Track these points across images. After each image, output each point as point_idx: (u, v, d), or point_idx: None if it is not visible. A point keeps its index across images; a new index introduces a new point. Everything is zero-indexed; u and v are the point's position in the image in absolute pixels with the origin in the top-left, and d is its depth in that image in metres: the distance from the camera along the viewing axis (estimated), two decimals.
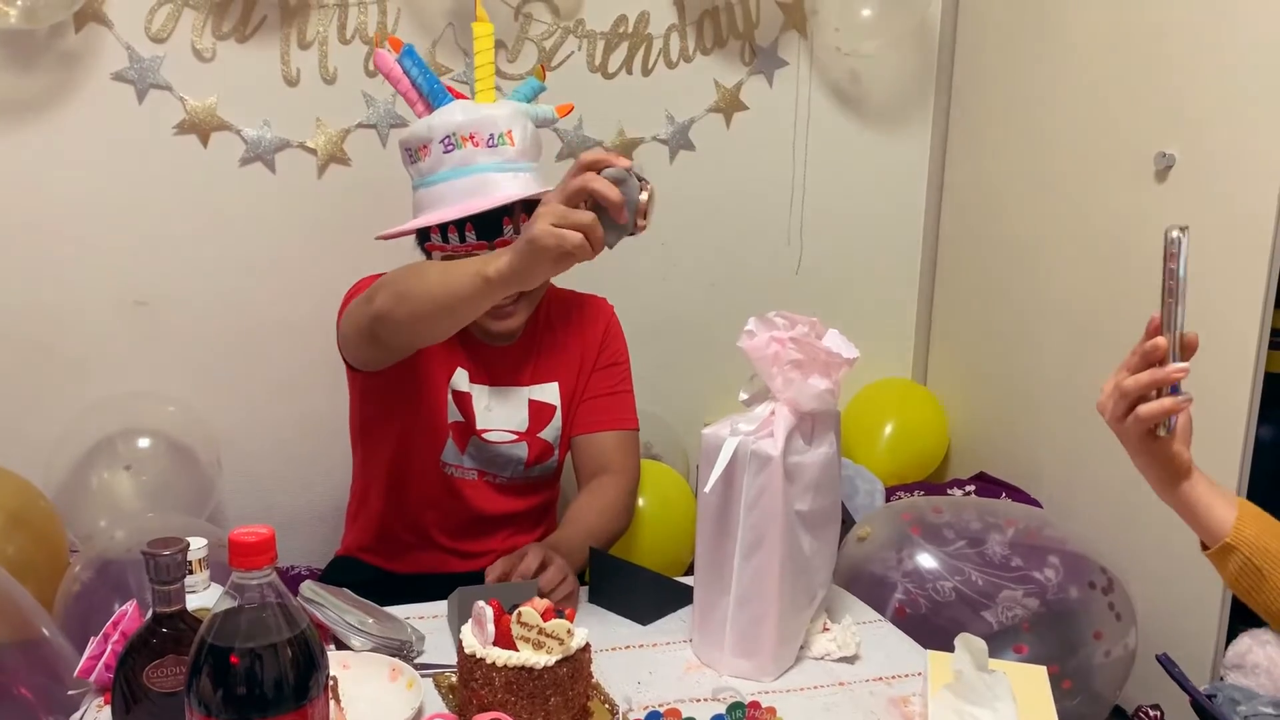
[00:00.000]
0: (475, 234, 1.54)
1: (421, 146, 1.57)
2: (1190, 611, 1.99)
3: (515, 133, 1.57)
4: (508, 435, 1.70)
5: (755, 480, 1.24)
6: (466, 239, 1.54)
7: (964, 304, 2.63)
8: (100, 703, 1.16)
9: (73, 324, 2.12)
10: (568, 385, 1.73)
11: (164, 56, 2.07)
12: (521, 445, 1.71)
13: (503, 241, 1.54)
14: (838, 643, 1.33)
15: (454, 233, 1.54)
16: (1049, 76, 2.31)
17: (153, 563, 1.07)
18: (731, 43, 2.43)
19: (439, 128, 1.55)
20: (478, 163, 1.54)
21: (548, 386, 1.72)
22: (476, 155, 1.54)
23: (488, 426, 1.69)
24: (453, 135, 1.54)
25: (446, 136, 1.54)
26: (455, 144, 1.54)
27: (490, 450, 1.70)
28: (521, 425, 1.70)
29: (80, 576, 1.71)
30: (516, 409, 1.70)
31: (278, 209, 2.19)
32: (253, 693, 0.84)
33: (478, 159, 1.54)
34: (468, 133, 1.54)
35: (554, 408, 1.72)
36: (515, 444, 1.71)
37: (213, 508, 2.15)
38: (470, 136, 1.54)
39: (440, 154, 1.55)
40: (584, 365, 1.75)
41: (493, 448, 1.70)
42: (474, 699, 1.13)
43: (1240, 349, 1.87)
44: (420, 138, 1.57)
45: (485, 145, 1.54)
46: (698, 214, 2.48)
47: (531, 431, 1.71)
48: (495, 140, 1.55)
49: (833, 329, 1.29)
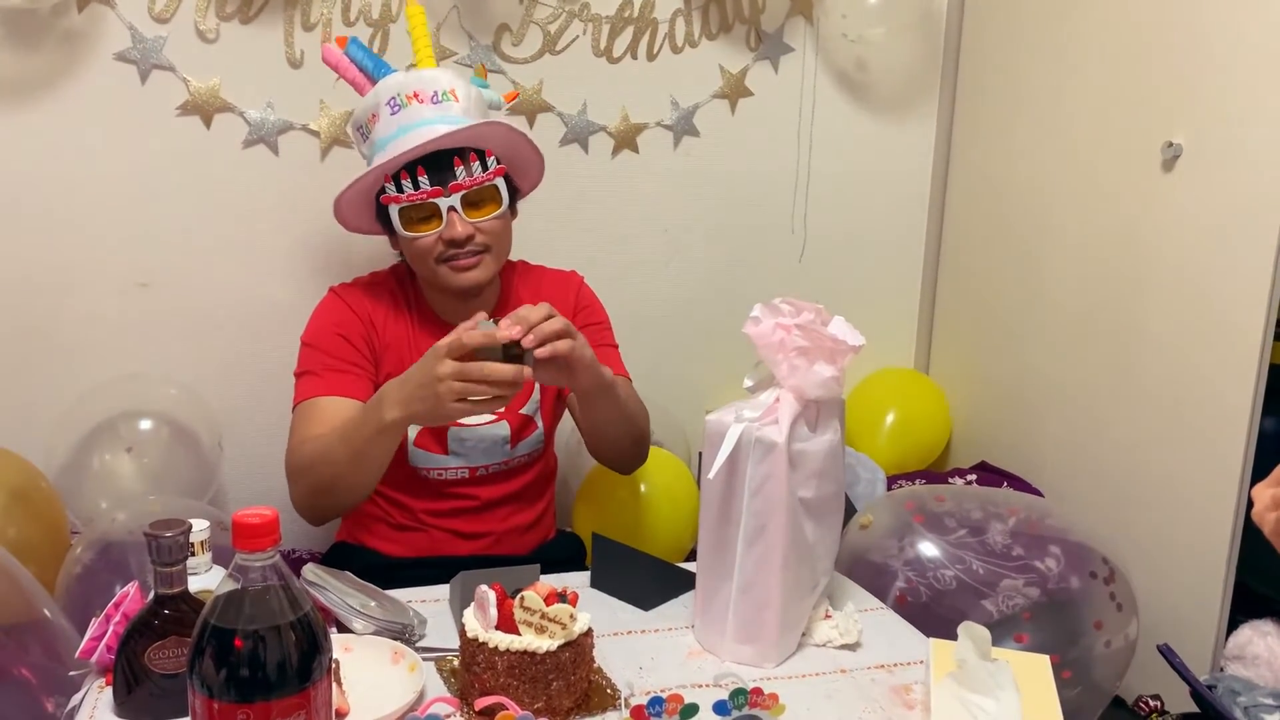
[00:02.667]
0: (428, 179, 1.55)
1: (371, 116, 1.62)
2: (1191, 602, 1.99)
3: (458, 90, 1.61)
4: (487, 416, 1.69)
5: (759, 467, 1.24)
6: (420, 184, 1.56)
7: (968, 293, 2.63)
8: (102, 684, 1.16)
9: (74, 305, 2.12)
10: None
11: (167, 37, 2.06)
12: (502, 424, 1.71)
13: (456, 185, 1.56)
14: (840, 630, 1.33)
15: (406, 179, 1.56)
16: (1056, 65, 2.30)
17: (155, 544, 1.07)
18: (737, 28, 2.41)
19: (384, 91, 1.61)
20: (424, 117, 1.58)
21: None
22: (422, 110, 1.58)
23: None
24: (397, 95, 1.59)
25: (392, 98, 1.60)
26: (400, 103, 1.59)
27: (472, 436, 1.70)
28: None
29: (82, 558, 1.71)
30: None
31: (281, 191, 2.18)
32: (256, 675, 0.84)
33: (423, 113, 1.58)
34: (411, 90, 1.59)
35: (531, 381, 1.72)
36: (495, 424, 1.71)
37: (214, 490, 2.14)
38: (415, 94, 1.59)
39: (388, 116, 1.60)
40: None
41: (474, 432, 1.70)
42: (476, 683, 1.13)
43: (1245, 340, 1.87)
44: (369, 107, 1.63)
45: (430, 101, 1.59)
46: (701, 200, 2.48)
47: (511, 408, 1.71)
48: (439, 97, 1.60)
49: (838, 316, 1.28)
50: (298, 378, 1.66)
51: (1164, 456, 2.05)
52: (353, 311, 1.68)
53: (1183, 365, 2.00)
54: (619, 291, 1.83)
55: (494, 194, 1.60)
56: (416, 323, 1.71)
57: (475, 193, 1.58)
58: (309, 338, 1.68)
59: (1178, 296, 2.01)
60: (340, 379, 1.62)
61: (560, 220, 2.33)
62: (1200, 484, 1.97)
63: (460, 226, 1.57)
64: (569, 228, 2.36)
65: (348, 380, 1.62)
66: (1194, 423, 1.98)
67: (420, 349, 1.68)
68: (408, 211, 1.57)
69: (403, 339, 1.70)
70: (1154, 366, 2.07)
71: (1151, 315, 2.07)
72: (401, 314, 1.71)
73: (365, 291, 1.72)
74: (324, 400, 1.60)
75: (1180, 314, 2.00)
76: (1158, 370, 2.06)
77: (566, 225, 2.35)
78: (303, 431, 1.58)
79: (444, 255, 1.60)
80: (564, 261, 1.93)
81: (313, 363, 1.65)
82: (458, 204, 1.56)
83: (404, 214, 1.58)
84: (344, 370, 1.63)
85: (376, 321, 1.69)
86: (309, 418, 1.59)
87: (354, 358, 1.65)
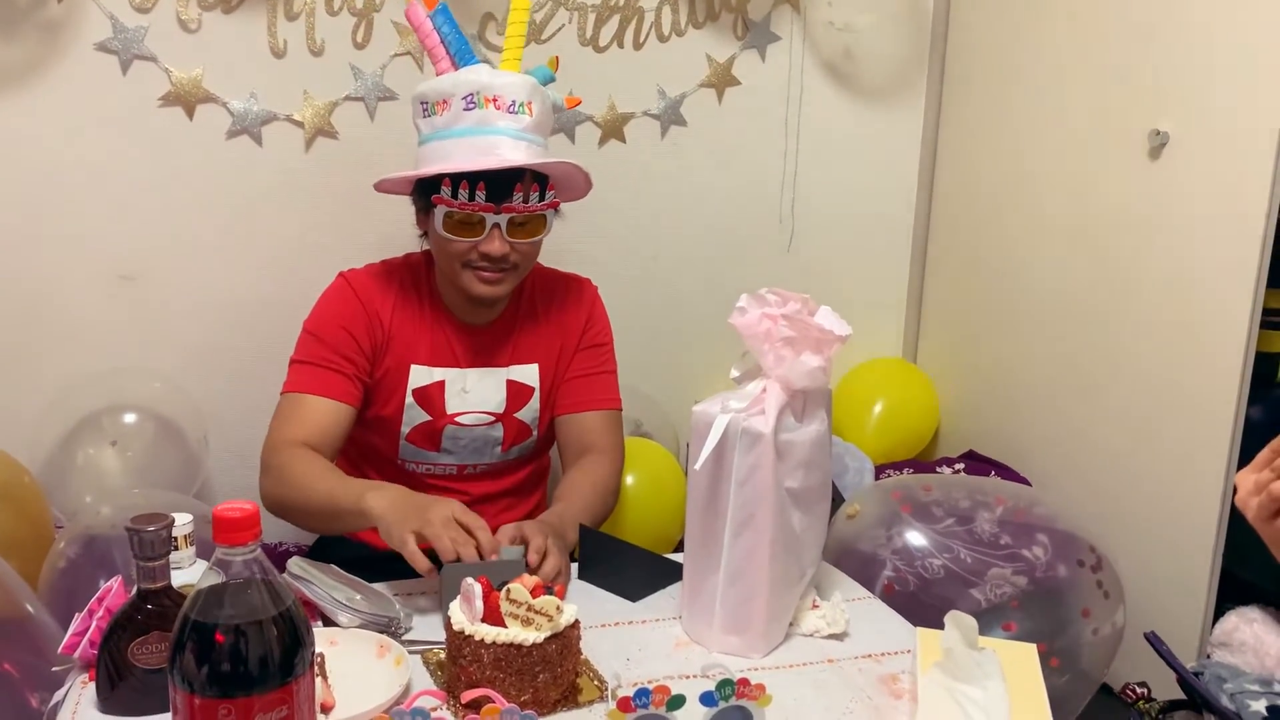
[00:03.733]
0: (485, 194, 1.53)
1: (441, 101, 1.58)
2: (1178, 590, 2.00)
3: (535, 105, 1.58)
4: (484, 417, 1.69)
5: (746, 458, 1.23)
6: (476, 197, 1.53)
7: (955, 283, 2.63)
8: (85, 679, 1.15)
9: (57, 298, 2.10)
10: (548, 366, 1.73)
11: (148, 27, 2.04)
12: (497, 427, 1.70)
13: (509, 207, 1.54)
14: (827, 620, 1.33)
15: (465, 189, 1.54)
16: (1042, 53, 2.30)
17: (137, 538, 1.06)
18: (724, 17, 2.40)
19: (464, 84, 1.56)
20: (496, 125, 1.55)
21: (527, 368, 1.71)
22: (496, 118, 1.55)
23: (463, 409, 1.68)
24: (476, 94, 1.55)
25: (470, 94, 1.56)
26: (477, 103, 1.55)
27: (466, 435, 1.69)
28: (499, 406, 1.70)
29: (65, 553, 1.69)
30: (494, 390, 1.69)
31: (265, 182, 2.17)
32: (237, 670, 0.83)
33: (497, 121, 1.55)
34: (492, 95, 1.55)
35: (532, 389, 1.71)
36: (491, 425, 1.70)
37: (200, 484, 2.13)
38: (494, 99, 1.55)
39: (460, 110, 1.56)
40: (565, 347, 1.74)
41: (468, 431, 1.69)
42: (462, 675, 1.12)
43: (1232, 327, 1.87)
44: (442, 92, 1.58)
45: (506, 110, 1.56)
46: (688, 190, 2.47)
47: (508, 412, 1.70)
48: (516, 107, 1.56)
49: (825, 306, 1.28)
50: (292, 364, 1.64)
51: (1151, 445, 2.06)
52: (360, 301, 1.66)
53: (1169, 353, 2.00)
54: (606, 282, 1.82)
55: (541, 221, 1.60)
56: (428, 315, 1.69)
57: (524, 217, 1.57)
58: (312, 325, 1.66)
59: (1165, 284, 2.01)
60: (331, 379, 1.62)
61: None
62: (1187, 472, 1.98)
63: (499, 244, 1.56)
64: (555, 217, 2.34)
65: (337, 381, 1.62)
66: (1180, 411, 1.99)
67: (429, 343, 1.67)
68: (454, 216, 1.56)
69: (410, 331, 1.67)
70: (1141, 355, 2.07)
71: (1138, 303, 2.07)
72: (410, 305, 1.69)
73: (375, 280, 1.69)
74: (310, 399, 1.60)
75: (1167, 302, 2.01)
76: (1145, 359, 2.06)
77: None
78: (282, 429, 1.59)
79: (474, 263, 1.59)
80: (550, 252, 1.90)
81: (309, 353, 1.63)
82: (504, 223, 1.55)
83: (450, 217, 1.56)
84: (337, 368, 1.62)
85: (384, 313, 1.67)
86: (290, 415, 1.60)
87: (351, 353, 1.63)
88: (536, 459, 1.81)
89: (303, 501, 1.51)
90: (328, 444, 1.59)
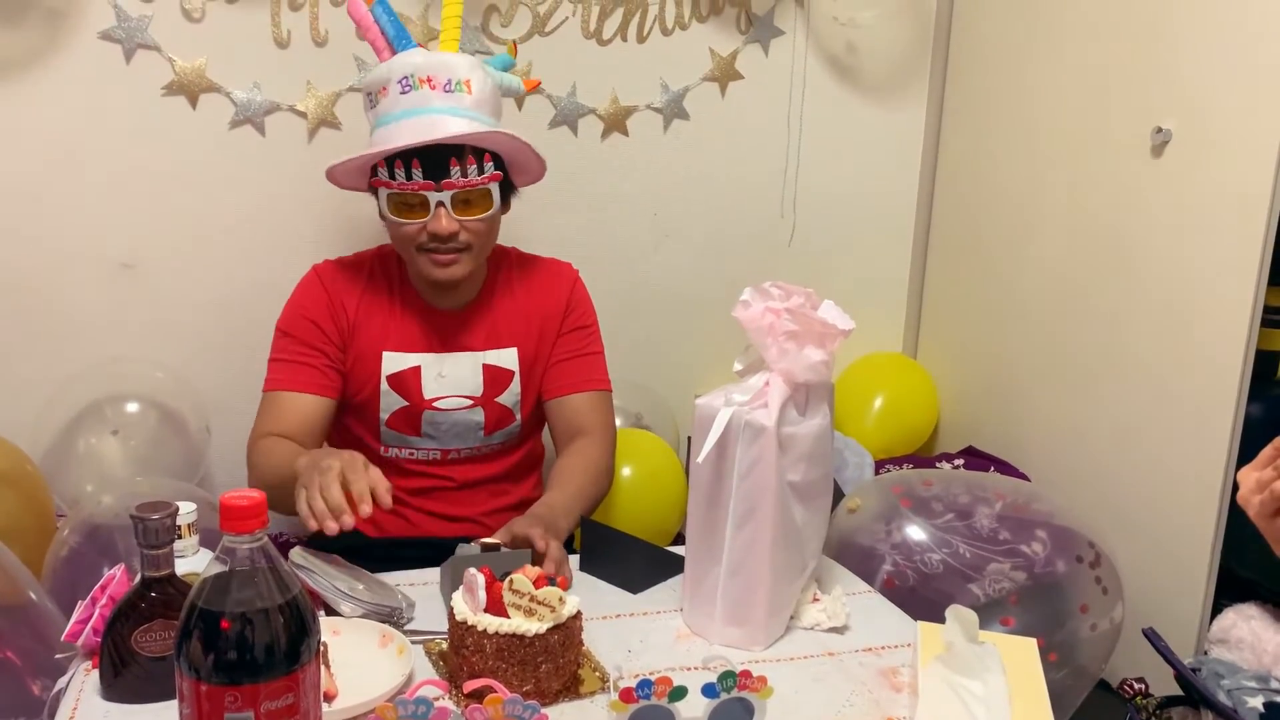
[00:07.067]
0: (422, 172, 1.54)
1: (381, 88, 1.60)
2: (1176, 586, 2.00)
3: (474, 83, 1.58)
4: (462, 401, 1.69)
5: (748, 451, 1.24)
6: (413, 176, 1.54)
7: (957, 278, 2.63)
8: (88, 667, 1.15)
9: (59, 287, 2.10)
10: (528, 350, 1.73)
11: (152, 16, 2.04)
12: (477, 410, 1.71)
13: (449, 183, 1.55)
14: (828, 613, 1.34)
15: (400, 168, 1.55)
16: (1046, 49, 2.30)
17: (141, 526, 1.07)
18: (728, 10, 2.40)
19: (398, 68, 1.58)
20: (432, 105, 1.56)
21: (505, 352, 1.72)
22: (432, 98, 1.56)
23: (440, 394, 1.68)
24: (410, 76, 1.57)
25: (404, 77, 1.57)
26: (412, 85, 1.57)
27: (445, 420, 1.70)
28: (476, 390, 1.70)
29: (68, 541, 1.70)
30: (470, 374, 1.70)
31: (267, 172, 2.16)
32: (244, 657, 0.83)
33: (433, 101, 1.56)
34: (425, 75, 1.56)
35: (511, 373, 1.72)
36: (470, 409, 1.70)
37: (202, 474, 2.14)
38: (428, 79, 1.56)
39: (397, 94, 1.57)
40: (546, 330, 1.74)
41: (447, 416, 1.70)
42: (465, 666, 1.13)
43: (1232, 325, 1.87)
44: (380, 79, 1.60)
45: (442, 89, 1.56)
46: (691, 183, 2.47)
47: (488, 396, 1.71)
48: (452, 86, 1.57)
49: (828, 300, 1.28)
50: (269, 363, 1.68)
51: (1150, 441, 2.06)
52: (325, 291, 1.68)
53: (1170, 350, 2.01)
54: (608, 275, 1.82)
55: (486, 196, 1.59)
56: (398, 302, 1.70)
57: (466, 193, 1.57)
58: (282, 323, 1.69)
59: (1166, 281, 2.01)
60: (302, 372, 1.64)
61: (549, 203, 2.32)
62: (1186, 469, 1.98)
63: (445, 222, 1.56)
64: (558, 210, 2.35)
65: (309, 374, 1.64)
66: (1181, 408, 1.99)
67: (399, 329, 1.67)
68: (396, 197, 1.57)
69: (379, 318, 1.69)
70: (1141, 352, 2.07)
71: (1139, 300, 2.07)
72: (379, 292, 1.70)
73: (343, 271, 1.72)
74: (285, 395, 1.63)
75: (1168, 299, 2.01)
76: (1145, 355, 2.06)
77: (555, 208, 2.34)
78: (261, 424, 1.62)
79: (425, 245, 1.59)
80: (552, 245, 1.92)
81: (281, 350, 1.67)
82: (447, 200, 1.55)
83: (392, 199, 1.57)
84: (307, 361, 1.65)
85: (349, 302, 1.68)
86: (266, 412, 1.64)
87: (320, 343, 1.66)
88: (525, 444, 1.81)
89: (273, 483, 1.48)
90: (307, 436, 1.61)
